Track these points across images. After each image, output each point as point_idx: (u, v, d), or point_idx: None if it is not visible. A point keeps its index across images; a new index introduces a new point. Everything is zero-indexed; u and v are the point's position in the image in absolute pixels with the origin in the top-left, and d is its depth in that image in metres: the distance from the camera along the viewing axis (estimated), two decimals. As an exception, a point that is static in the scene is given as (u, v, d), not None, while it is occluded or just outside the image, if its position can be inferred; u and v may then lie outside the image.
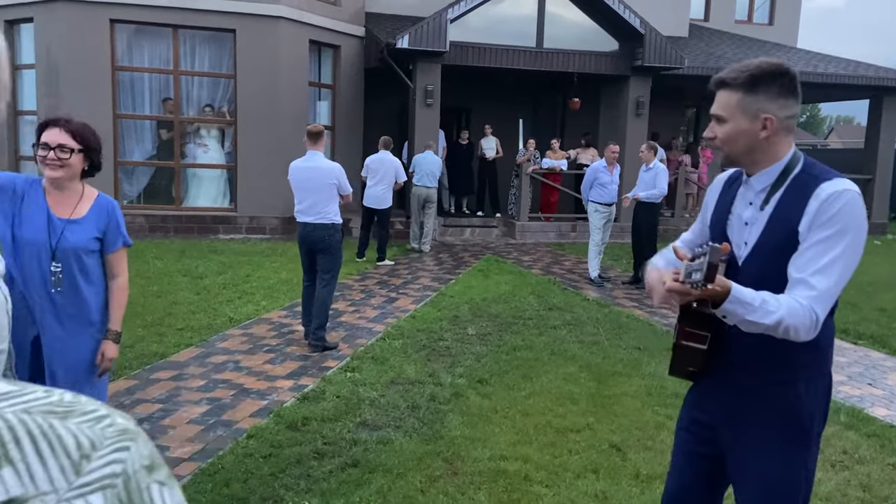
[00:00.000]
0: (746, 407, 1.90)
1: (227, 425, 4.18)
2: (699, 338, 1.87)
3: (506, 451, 3.91)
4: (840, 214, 1.70)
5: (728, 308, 1.66)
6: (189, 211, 11.69)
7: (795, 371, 1.84)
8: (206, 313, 6.70)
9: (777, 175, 1.83)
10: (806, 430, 1.86)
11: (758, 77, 1.78)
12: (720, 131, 1.85)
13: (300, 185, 5.80)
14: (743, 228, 1.90)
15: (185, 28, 11.36)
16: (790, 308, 1.65)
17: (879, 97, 15.24)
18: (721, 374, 1.93)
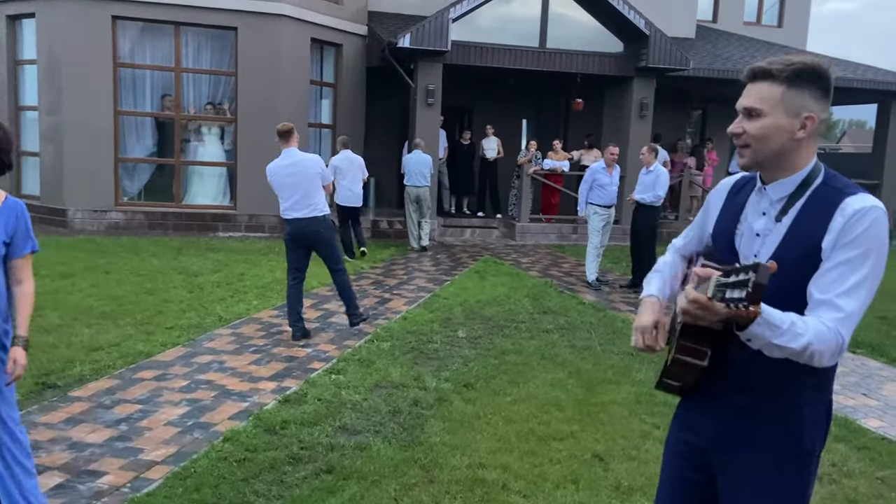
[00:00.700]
0: (744, 430, 1.77)
1: (205, 428, 4.13)
2: (699, 353, 1.73)
3: (485, 459, 3.84)
4: (868, 233, 1.59)
5: (755, 331, 1.50)
6: (189, 209, 11.67)
7: (800, 394, 1.72)
8: (197, 312, 6.66)
9: (797, 185, 1.70)
10: (808, 455, 1.74)
11: (803, 72, 1.65)
12: (753, 126, 1.69)
13: (284, 182, 5.91)
14: (754, 240, 1.76)
15: (187, 25, 11.34)
16: (818, 331, 1.53)
17: (887, 102, 15.07)
18: (718, 393, 1.80)
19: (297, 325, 6.01)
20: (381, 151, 14.35)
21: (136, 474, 3.53)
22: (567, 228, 13.34)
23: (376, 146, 14.11)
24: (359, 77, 13.38)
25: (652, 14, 13.30)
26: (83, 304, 6.70)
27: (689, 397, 1.91)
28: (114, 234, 10.97)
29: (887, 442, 4.29)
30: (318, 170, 5.96)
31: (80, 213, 11.21)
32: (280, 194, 5.95)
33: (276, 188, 5.97)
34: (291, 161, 5.93)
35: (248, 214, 11.63)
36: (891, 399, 5.13)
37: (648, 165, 8.55)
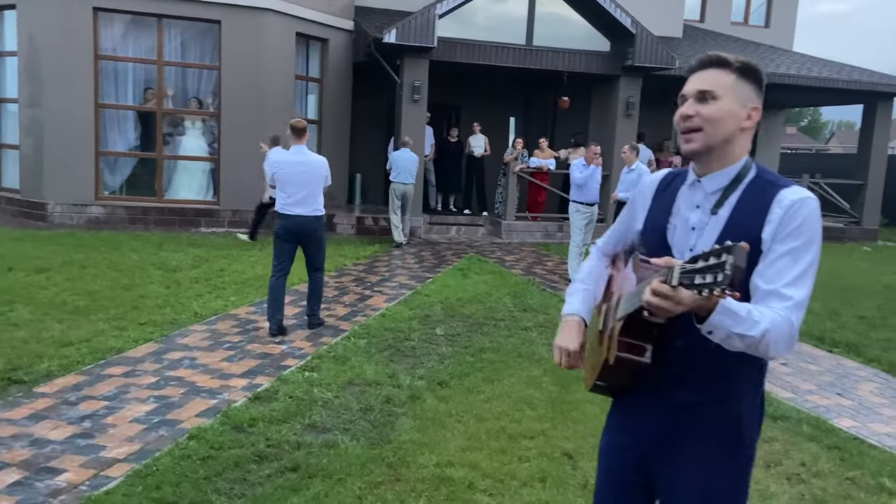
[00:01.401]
0: (682, 427, 1.76)
1: (171, 425, 4.07)
2: (641, 350, 1.69)
3: (454, 458, 3.80)
4: (806, 224, 1.63)
5: (716, 320, 1.48)
6: (171, 203, 11.58)
7: (738, 387, 1.74)
8: (173, 308, 6.59)
9: (732, 178, 1.73)
10: (745, 454, 1.76)
11: (749, 68, 1.73)
12: (707, 109, 1.70)
13: (292, 178, 5.92)
14: (689, 233, 1.75)
15: (170, 18, 11.24)
16: (773, 319, 1.53)
17: (873, 103, 15.12)
18: (655, 391, 1.77)
19: (275, 317, 5.98)
20: (366, 148, 14.30)
21: (96, 472, 3.47)
22: (553, 227, 13.32)
23: (362, 142, 14.07)
24: (345, 72, 13.30)
25: (639, 13, 13.28)
26: (57, 298, 6.62)
27: (623, 398, 1.88)
28: (94, 229, 10.86)
29: (859, 442, 4.27)
30: (325, 172, 6.09)
31: (59, 206, 11.09)
32: (283, 189, 5.94)
33: (282, 181, 5.94)
34: (303, 159, 6.00)
35: (230, 210, 11.54)
36: (865, 399, 5.12)
37: (630, 164, 8.54)
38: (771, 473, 3.81)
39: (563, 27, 12.90)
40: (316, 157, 6.10)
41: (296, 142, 6.04)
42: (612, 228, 2.08)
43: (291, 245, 6.04)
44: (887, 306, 8.25)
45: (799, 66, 14.81)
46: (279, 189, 5.98)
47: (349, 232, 12.33)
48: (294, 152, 6.02)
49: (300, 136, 6.04)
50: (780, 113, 19.18)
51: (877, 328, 7.19)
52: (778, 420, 4.57)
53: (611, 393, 1.89)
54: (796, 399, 5.05)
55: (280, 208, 5.98)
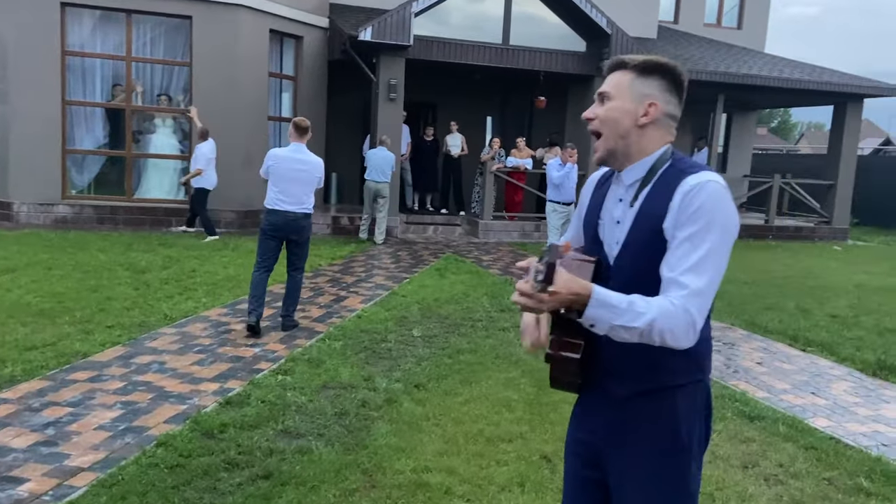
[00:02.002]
0: (623, 422, 1.77)
1: (138, 432, 3.94)
2: (573, 346, 1.70)
3: (431, 462, 3.73)
4: (705, 207, 1.61)
5: (592, 314, 1.52)
6: (141, 203, 11.35)
7: (669, 378, 1.72)
8: (142, 310, 6.43)
9: (647, 169, 1.74)
10: (684, 448, 1.73)
11: (653, 65, 1.75)
12: (602, 110, 1.76)
13: (287, 174, 5.87)
14: (614, 227, 1.78)
15: (140, 13, 11.01)
16: (662, 308, 1.53)
17: (843, 104, 15.33)
18: (598, 386, 1.79)
19: (257, 310, 5.89)
20: (342, 147, 14.16)
21: (60, 481, 3.34)
22: (530, 226, 13.31)
23: (338, 141, 13.93)
24: (320, 70, 13.15)
25: (614, 14, 13.32)
26: (21, 301, 6.42)
27: (582, 394, 1.89)
28: (61, 229, 10.60)
29: (835, 442, 4.28)
30: (320, 174, 6.08)
31: (25, 206, 10.81)
32: (276, 184, 5.86)
33: (276, 176, 5.87)
34: (302, 157, 5.95)
35: (203, 209, 11.32)
36: (840, 398, 5.14)
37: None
38: (749, 475, 3.79)
39: (539, 27, 12.89)
40: (314, 158, 6.05)
41: (297, 140, 5.99)
42: (568, 231, 2.09)
43: (277, 242, 5.97)
44: (859, 305, 8.34)
45: (771, 68, 14.96)
46: (271, 184, 5.88)
47: (325, 231, 12.19)
48: (293, 149, 5.97)
49: (302, 135, 6.00)
50: (751, 114, 19.38)
51: (849, 327, 7.25)
52: (754, 420, 4.56)
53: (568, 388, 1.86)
54: (771, 398, 5.06)
55: (270, 203, 5.88)
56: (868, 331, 7.11)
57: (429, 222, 13.48)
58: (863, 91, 15.01)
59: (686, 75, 1.78)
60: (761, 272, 10.45)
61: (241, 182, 11.32)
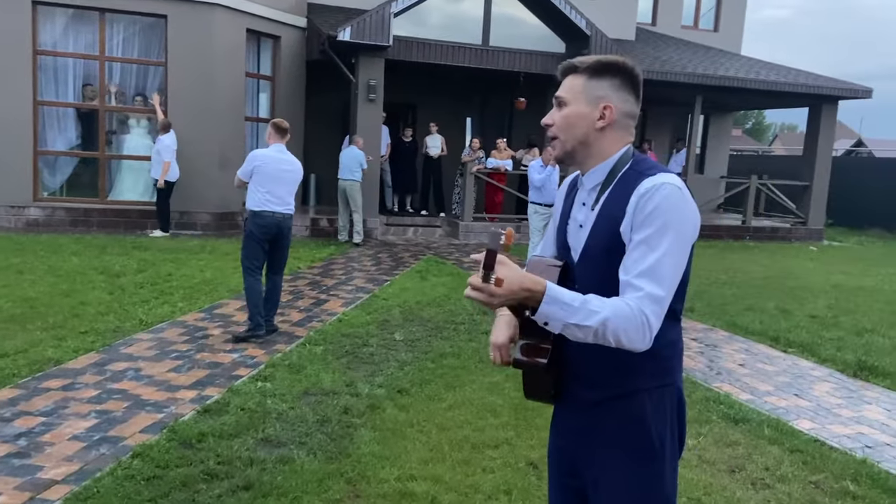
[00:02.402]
0: (592, 426, 1.75)
1: (114, 442, 3.82)
2: (540, 351, 1.67)
3: (416, 471, 3.65)
4: (660, 209, 1.58)
5: (545, 310, 1.50)
6: (115, 205, 11.13)
7: (636, 381, 1.70)
8: (116, 315, 6.28)
9: (607, 173, 1.73)
10: (656, 453, 1.70)
11: (604, 65, 1.72)
12: (559, 115, 1.75)
13: (274, 174, 5.79)
14: (578, 231, 1.77)
15: (113, 12, 10.80)
16: (616, 308, 1.51)
17: (818, 106, 15.51)
18: (569, 391, 1.77)
19: (263, 316, 5.84)
20: (321, 148, 14.01)
21: (32, 495, 3.21)
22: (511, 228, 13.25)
23: (317, 142, 13.78)
24: (298, 70, 13.02)
25: (593, 15, 13.35)
26: (-9, 306, 6.24)
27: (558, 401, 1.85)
28: (32, 232, 10.36)
29: (819, 444, 4.28)
30: (300, 176, 6.03)
31: (-5, 208, 10.55)
32: (262, 185, 5.75)
33: (262, 177, 5.74)
34: (286, 158, 5.88)
35: (178, 211, 11.12)
36: (822, 399, 5.16)
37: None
38: (736, 479, 3.77)
39: (519, 28, 12.87)
40: (296, 160, 5.99)
41: (277, 140, 5.90)
42: (545, 238, 2.05)
43: (264, 244, 5.86)
44: (837, 305, 8.41)
45: (747, 70, 15.09)
46: (257, 185, 5.75)
47: (303, 234, 12.06)
48: (277, 150, 5.88)
49: (283, 136, 5.92)
50: (728, 116, 19.57)
51: (828, 327, 7.30)
52: (739, 423, 4.55)
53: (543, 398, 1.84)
54: (755, 401, 5.06)
55: (257, 205, 5.75)
56: (847, 331, 7.16)
57: (409, 224, 13.40)
58: (837, 93, 15.20)
59: (640, 71, 1.75)
60: (740, 273, 10.52)
61: (217, 183, 11.16)
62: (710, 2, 18.64)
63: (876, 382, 5.59)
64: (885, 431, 4.58)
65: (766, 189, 16.03)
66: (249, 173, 5.77)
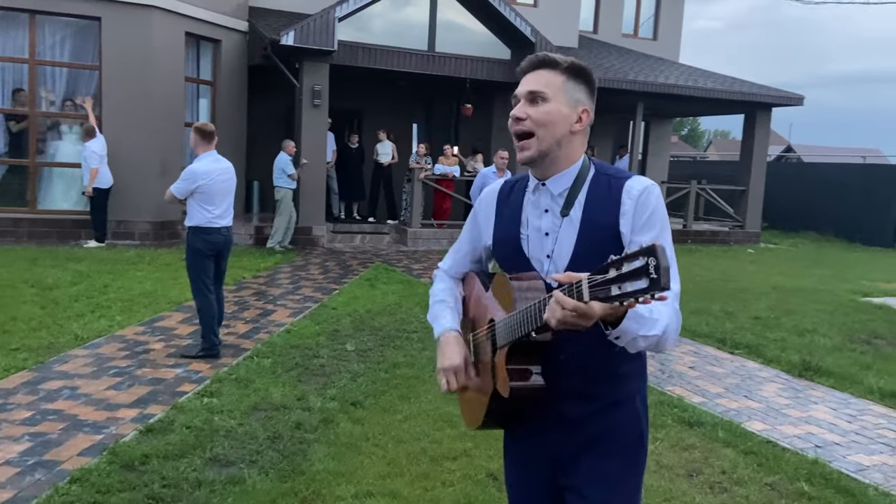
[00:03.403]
0: (584, 440, 1.70)
1: (49, 467, 3.58)
2: (530, 374, 1.59)
3: (373, 486, 3.54)
4: (657, 211, 1.63)
5: (626, 326, 1.44)
6: (46, 214, 10.62)
7: (629, 385, 1.72)
8: (50, 330, 5.95)
9: (575, 177, 1.69)
10: (645, 444, 1.76)
11: (580, 69, 1.69)
12: (538, 111, 1.65)
13: (219, 188, 5.54)
14: (543, 239, 1.69)
15: (44, 14, 10.32)
16: (668, 312, 1.51)
17: (753, 112, 16.00)
18: (549, 409, 1.69)
19: (216, 338, 5.60)
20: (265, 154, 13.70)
21: (-43, 531, 2.97)
22: (458, 233, 13.17)
23: (260, 148, 13.47)
24: (239, 75, 12.71)
25: (538, 23, 13.48)
26: None
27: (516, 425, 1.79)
28: (-44, 243, 9.79)
29: (772, 445, 4.34)
30: (235, 181, 5.78)
31: (-86, 219, 9.94)
32: (207, 202, 5.46)
33: (208, 193, 5.44)
34: (224, 166, 5.62)
35: (115, 220, 10.68)
36: (772, 400, 5.25)
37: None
38: (694, 483, 3.78)
39: (465, 35, 12.87)
40: (228, 162, 5.71)
41: (206, 147, 5.52)
42: (455, 249, 1.98)
43: (214, 259, 5.64)
44: (778, 307, 8.63)
45: (686, 77, 15.47)
46: (202, 203, 5.44)
47: (247, 242, 11.75)
48: (214, 160, 5.54)
49: (211, 141, 5.54)
50: (667, 122, 20.03)
51: (771, 328, 7.48)
52: (694, 426, 4.58)
53: (504, 425, 1.80)
54: (707, 403, 5.11)
55: (204, 222, 5.47)
56: (789, 332, 7.35)
57: (356, 231, 13.23)
58: (771, 100, 15.72)
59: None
60: (684, 276, 10.62)
61: (155, 191, 10.74)
62: (649, 11, 19.08)
63: (820, 382, 5.73)
64: (833, 431, 4.68)
65: (705, 194, 16.44)
66: (189, 192, 5.44)
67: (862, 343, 7.02)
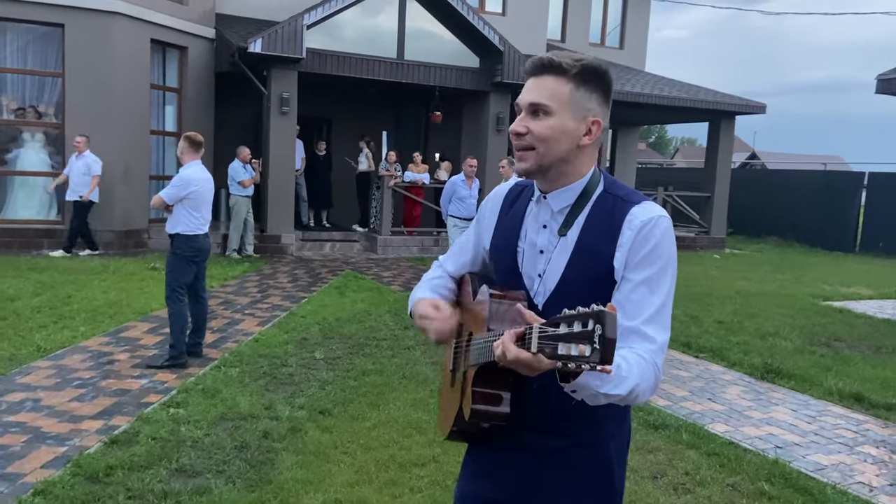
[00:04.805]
0: (547, 476, 1.57)
1: (11, 479, 3.51)
2: (498, 399, 1.49)
3: (341, 494, 3.54)
4: (660, 247, 1.47)
5: (583, 381, 1.29)
6: (7, 224, 10.41)
7: (603, 428, 1.56)
8: (11, 342, 5.84)
9: (578, 194, 1.54)
10: (617, 494, 1.59)
11: (592, 71, 1.49)
12: (540, 126, 1.48)
13: (207, 196, 5.67)
14: (537, 257, 1.56)
15: (5, 20, 10.15)
16: (641, 370, 1.38)
17: (717, 120, 16.33)
18: (516, 437, 1.58)
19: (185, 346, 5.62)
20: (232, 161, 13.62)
21: (-86, 548, 2.91)
22: (429, 241, 13.27)
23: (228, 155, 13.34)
24: (206, 82, 12.61)
25: (506, 31, 13.59)
26: None
27: (479, 444, 1.67)
28: (-87, 254, 9.54)
29: (734, 447, 4.43)
30: None
31: None
32: (196, 209, 5.54)
33: (197, 200, 5.52)
34: (207, 175, 5.71)
35: (78, 230, 10.53)
36: (734, 403, 5.36)
37: (507, 178, 8.62)
38: (659, 485, 3.84)
39: (434, 43, 12.94)
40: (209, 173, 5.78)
41: (194, 156, 5.64)
42: (457, 252, 1.81)
43: (196, 267, 5.68)
44: (742, 311, 8.81)
45: (652, 86, 15.74)
46: (190, 210, 5.49)
47: (214, 251, 11.59)
48: (200, 168, 5.65)
49: (199, 150, 5.69)
50: (634, 130, 20.34)
51: (735, 332, 7.63)
52: (659, 429, 4.66)
53: (468, 440, 1.71)
54: (672, 406, 5.20)
55: (191, 229, 5.52)
56: (752, 335, 7.50)
57: (326, 239, 13.18)
58: (735, 108, 16.06)
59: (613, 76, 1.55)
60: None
61: (120, 199, 10.63)
62: (615, 20, 19.37)
63: (781, 384, 5.86)
64: (794, 431, 4.80)
65: (671, 200, 16.72)
66: (179, 199, 5.49)
67: (822, 346, 7.20)
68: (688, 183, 18.71)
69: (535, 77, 1.52)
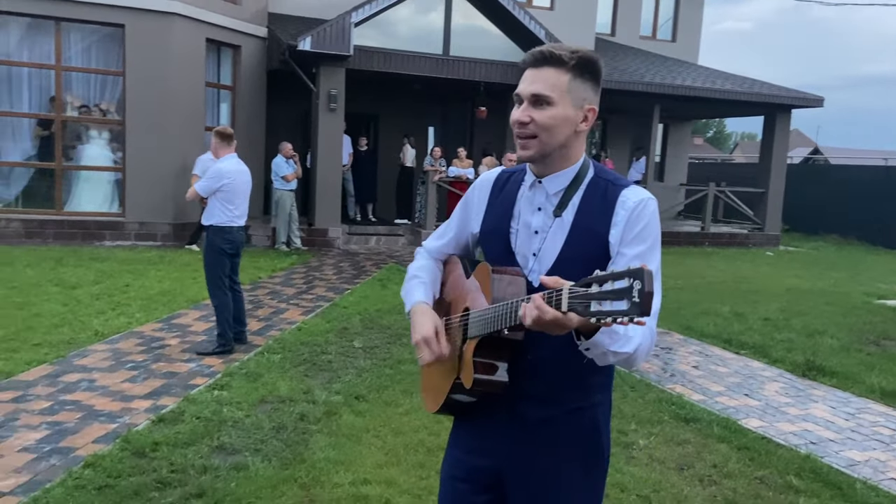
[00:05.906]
0: (538, 442, 1.67)
1: (65, 453, 3.77)
2: (496, 369, 1.58)
3: (370, 475, 3.68)
4: (650, 226, 1.60)
5: (598, 339, 1.42)
6: (72, 216, 10.94)
7: (592, 395, 1.68)
8: (71, 327, 6.19)
9: (572, 178, 1.65)
10: (605, 459, 1.73)
11: (587, 63, 1.60)
12: (542, 116, 1.58)
13: (241, 188, 5.81)
14: (532, 237, 1.66)
15: (70, 21, 10.65)
16: (642, 331, 1.49)
17: (773, 114, 15.92)
18: (507, 407, 1.66)
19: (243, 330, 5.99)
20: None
21: (-23, 509, 3.17)
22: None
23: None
24: (259, 80, 12.97)
25: (553, 26, 13.56)
26: (-61, 320, 6.11)
27: (469, 416, 1.75)
28: (-14, 244, 10.13)
29: (766, 441, 4.40)
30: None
31: (-54, 220, 10.31)
32: (230, 202, 5.74)
33: (231, 193, 5.72)
34: (244, 168, 5.88)
35: (137, 222, 11.01)
36: (772, 399, 5.30)
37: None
38: (684, 476, 3.87)
39: (479, 38, 13.00)
40: (246, 167, 5.98)
41: (227, 150, 5.83)
42: (440, 232, 1.92)
43: (230, 257, 5.87)
44: (790, 308, 8.63)
45: (704, 79, 15.45)
46: (224, 202, 5.69)
47: (265, 244, 11.99)
48: (235, 161, 5.83)
49: (231, 143, 5.85)
50: (687, 124, 19.98)
51: (780, 329, 7.50)
52: (690, 422, 4.66)
53: (457, 413, 1.79)
54: (707, 401, 5.18)
55: (225, 222, 5.73)
56: (798, 333, 7.36)
57: (371, 233, 13.41)
58: (790, 101, 15.63)
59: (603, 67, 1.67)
60: (697, 278, 10.73)
61: (174, 192, 11.04)
62: (667, 13, 19.07)
63: (823, 382, 5.76)
64: (830, 428, 4.73)
65: (723, 196, 16.39)
66: (213, 191, 5.69)
67: (870, 344, 7.02)
68: (745, 178, 18.28)
69: (535, 69, 1.61)
